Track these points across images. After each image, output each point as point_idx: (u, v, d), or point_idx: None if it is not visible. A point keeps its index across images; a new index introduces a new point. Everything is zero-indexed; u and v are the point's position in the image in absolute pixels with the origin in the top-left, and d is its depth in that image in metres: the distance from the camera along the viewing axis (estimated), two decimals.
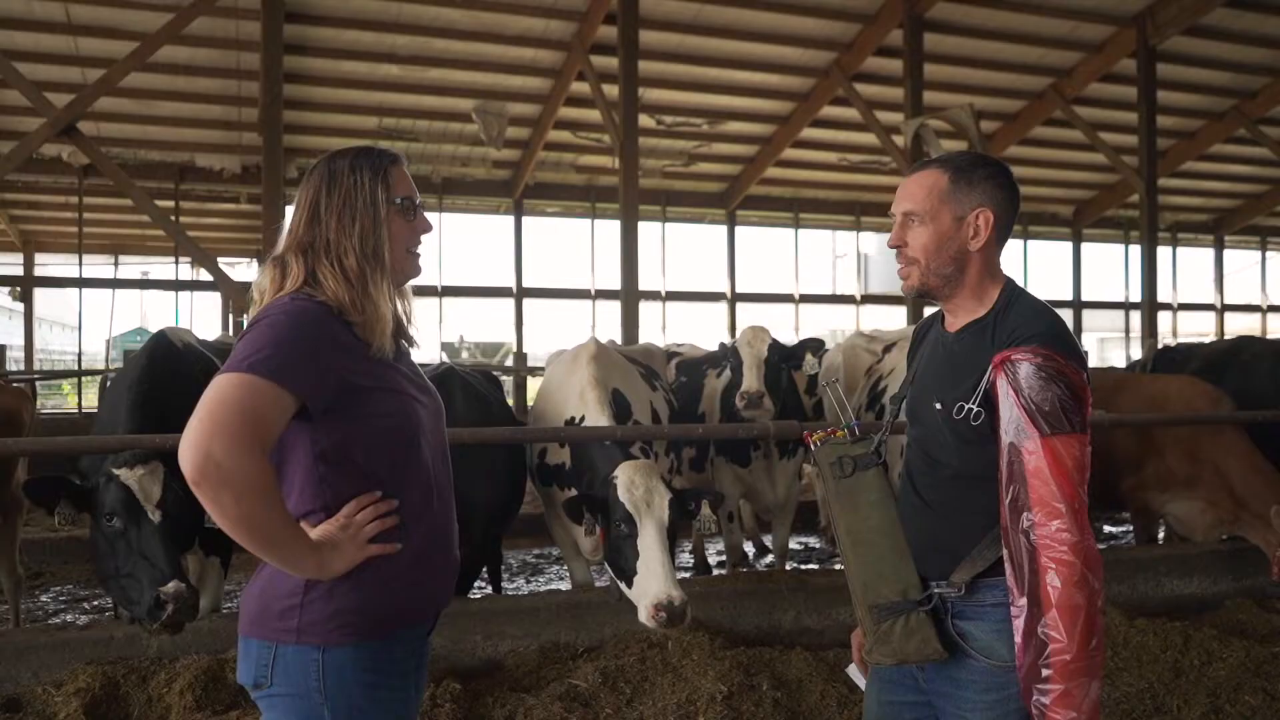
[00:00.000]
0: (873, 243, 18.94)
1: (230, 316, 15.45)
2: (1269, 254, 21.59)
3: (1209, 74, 15.01)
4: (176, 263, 16.27)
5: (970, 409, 1.90)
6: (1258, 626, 4.98)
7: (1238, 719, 4.17)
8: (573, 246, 17.01)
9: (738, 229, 17.72)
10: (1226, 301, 20.95)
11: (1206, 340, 18.66)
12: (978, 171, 2.01)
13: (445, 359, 7.44)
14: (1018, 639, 1.83)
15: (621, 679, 4.00)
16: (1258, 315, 21.42)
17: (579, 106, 13.96)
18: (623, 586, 3.95)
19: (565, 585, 6.71)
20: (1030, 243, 19.36)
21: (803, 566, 7.36)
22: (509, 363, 15.36)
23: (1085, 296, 19.76)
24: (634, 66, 11.24)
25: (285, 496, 1.86)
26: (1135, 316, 19.20)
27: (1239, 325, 20.94)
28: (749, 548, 8.00)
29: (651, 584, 3.69)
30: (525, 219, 16.54)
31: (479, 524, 4.52)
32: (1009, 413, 1.84)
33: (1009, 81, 14.67)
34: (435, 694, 3.74)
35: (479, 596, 5.45)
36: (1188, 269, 20.66)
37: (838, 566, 7.35)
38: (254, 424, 1.70)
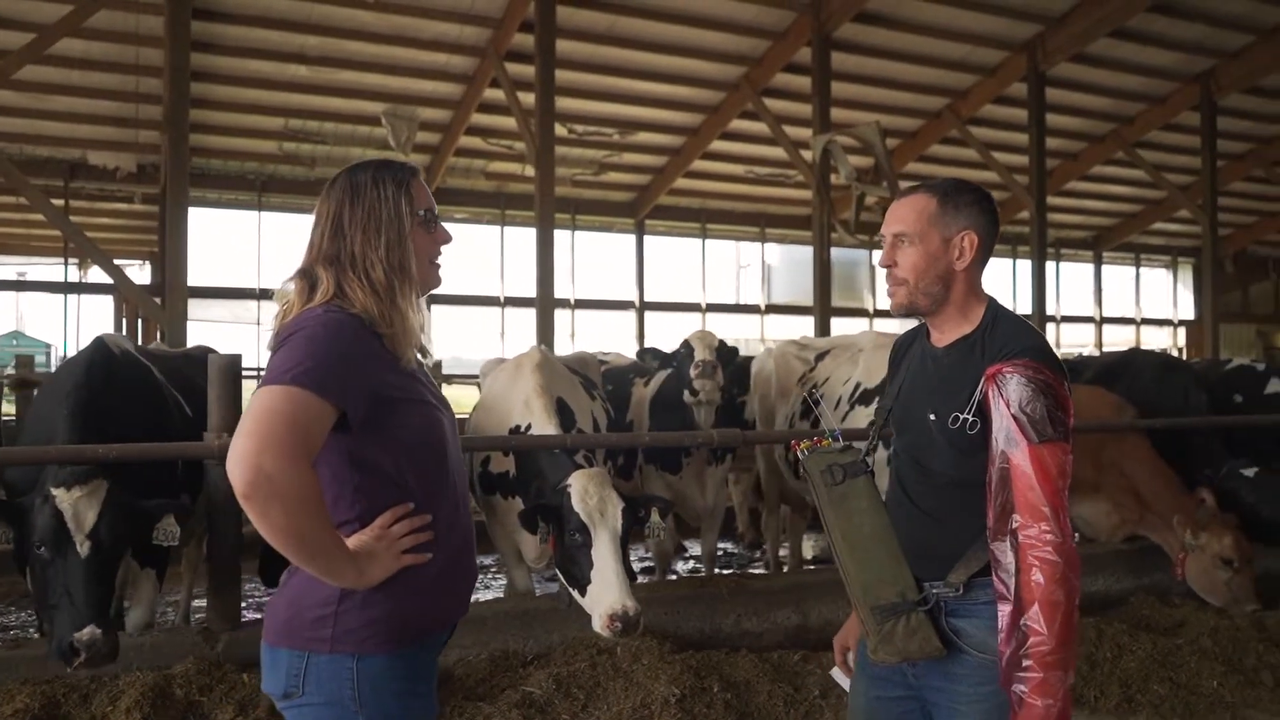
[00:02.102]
0: (776, 254, 19.35)
1: (124, 320, 14.85)
2: (1142, 269, 22.90)
3: (1092, 99, 15.90)
4: (66, 264, 15.55)
5: (965, 419, 2.03)
6: (1161, 621, 5.32)
7: (1148, 707, 4.46)
8: (481, 253, 16.89)
9: (646, 238, 17.91)
10: (1105, 314, 22.12)
11: (1086, 351, 19.70)
12: (963, 196, 2.15)
13: None
14: (1001, 632, 1.97)
15: (575, 685, 4.04)
16: (1133, 327, 22.68)
17: (491, 113, 13.94)
18: (575, 594, 3.99)
19: (497, 593, 6.70)
20: None
21: (722, 571, 7.50)
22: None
23: None
24: (551, 75, 11.31)
25: None
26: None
27: (1115, 337, 22.13)
28: None
29: (606, 594, 3.73)
30: None
31: None
32: (1000, 422, 1.98)
33: (909, 101, 15.25)
34: None
35: None
36: (1069, 283, 21.74)
37: (755, 570, 7.53)
38: (302, 436, 1.71)
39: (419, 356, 2.09)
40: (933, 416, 2.10)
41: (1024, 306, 17.44)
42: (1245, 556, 5.20)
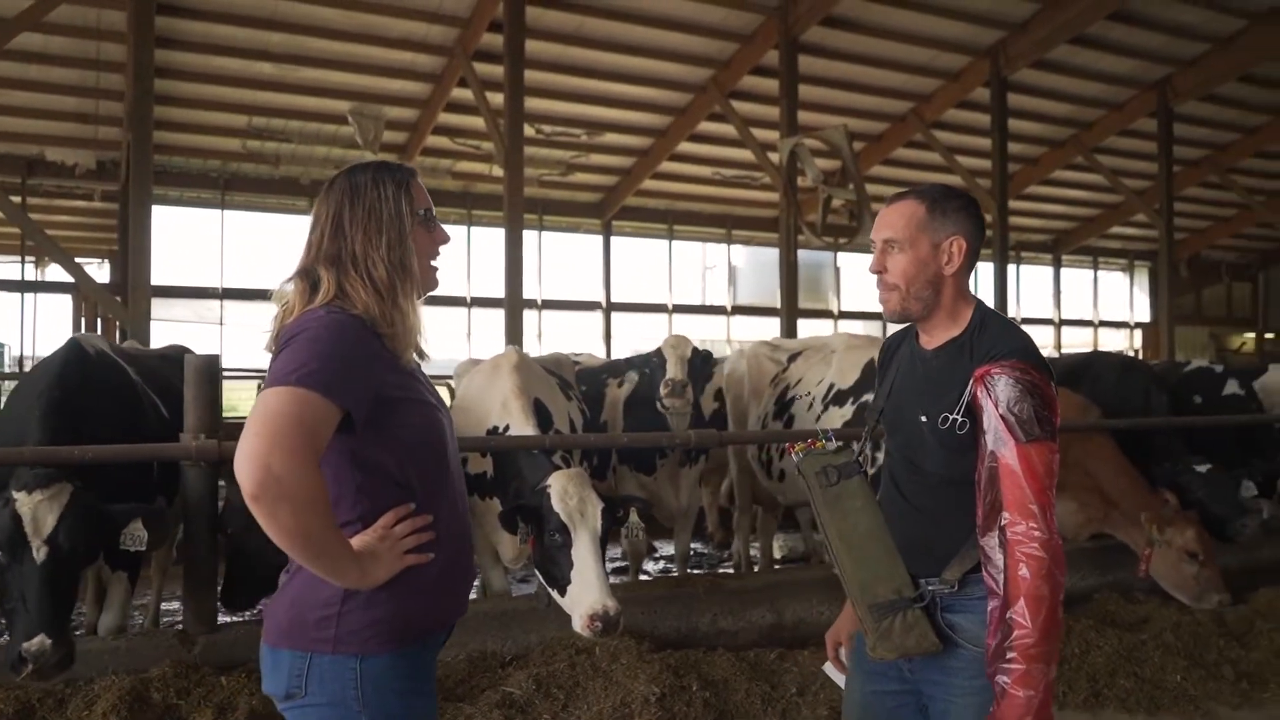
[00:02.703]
0: (742, 255, 19.45)
1: (83, 319, 14.60)
2: (1100, 273, 23.30)
3: (1052, 105, 16.14)
4: (23, 262, 15.25)
5: (955, 419, 2.08)
6: (1125, 617, 5.44)
7: (1115, 701, 4.57)
8: (448, 253, 16.76)
9: (613, 239, 17.93)
10: (1063, 317, 22.48)
11: (1046, 353, 20.01)
12: (951, 203, 2.20)
13: None
14: (989, 625, 2.02)
15: (554, 685, 4.05)
16: (1091, 329, 23.08)
17: (458, 113, 13.88)
18: (554, 594, 4.00)
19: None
20: None
21: (693, 571, 7.54)
22: None
23: None
24: (520, 75, 11.26)
25: None
26: None
27: (1074, 339, 22.51)
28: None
29: (587, 594, 3.73)
30: None
31: None
32: (989, 422, 2.03)
33: (874, 104, 15.39)
34: None
35: None
36: (1028, 286, 22.07)
37: (725, 570, 7.57)
38: (309, 437, 1.71)
39: (415, 358, 2.10)
40: (924, 417, 2.15)
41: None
42: (1209, 550, 5.33)
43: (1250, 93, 16.70)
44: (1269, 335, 24.79)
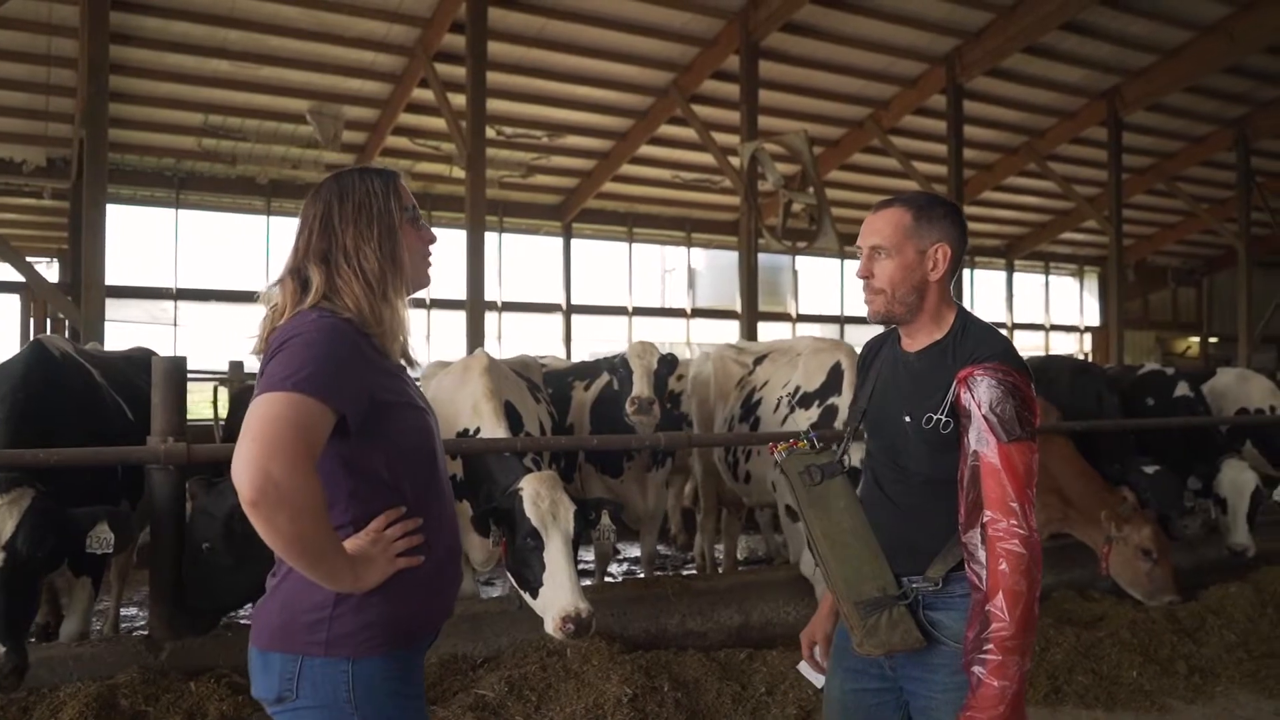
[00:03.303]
0: (701, 258, 19.55)
1: (32, 320, 14.29)
2: (1051, 277, 23.75)
3: (1006, 112, 16.43)
4: None
5: (939, 419, 2.13)
6: (1082, 615, 5.56)
7: (1074, 697, 4.67)
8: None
9: (573, 241, 17.92)
10: (1016, 321, 22.88)
11: None
12: (936, 210, 2.25)
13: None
14: (969, 618, 2.07)
15: (526, 687, 4.06)
16: (1042, 333, 23.52)
17: (418, 113, 13.81)
18: (526, 597, 4.00)
19: None
20: (847, 263, 20.52)
21: (658, 574, 7.57)
22: None
23: None
24: (483, 76, 11.25)
25: None
26: None
27: (1026, 342, 22.91)
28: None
29: (560, 597, 3.74)
30: None
31: None
32: (972, 422, 2.08)
33: (833, 110, 15.57)
34: None
35: None
36: (981, 290, 22.42)
37: (688, 572, 7.60)
38: (307, 443, 1.71)
39: (404, 363, 2.11)
40: (908, 418, 2.20)
41: None
42: (1164, 548, 5.46)
43: (1195, 103, 17.15)
44: (1213, 339, 25.42)
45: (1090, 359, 21.98)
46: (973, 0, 13.27)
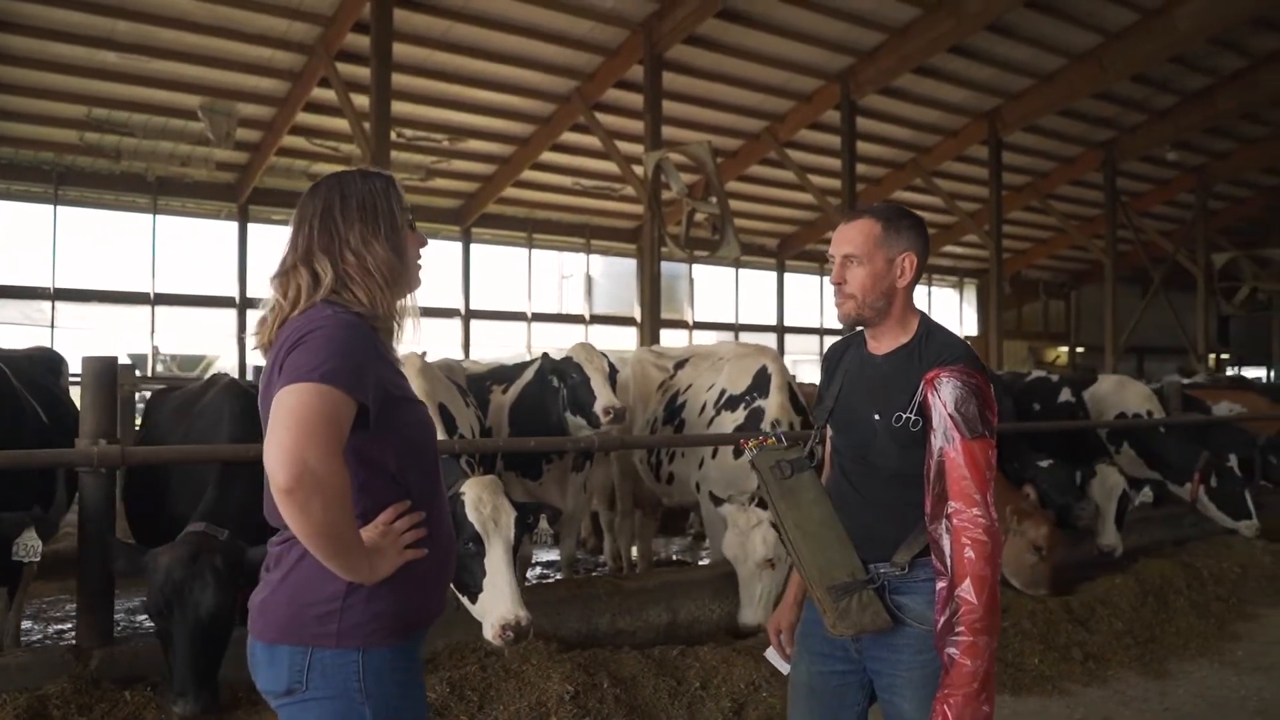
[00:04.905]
0: (599, 265, 19.68)
1: None
2: (933, 289, 24.78)
3: (896, 129, 17.11)
4: None
5: (908, 418, 2.29)
6: None
7: None
8: None
9: (472, 246, 17.81)
10: None
11: None
12: (903, 221, 2.41)
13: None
14: (936, 603, 2.23)
15: (467, 687, 4.07)
16: None
17: (317, 113, 13.54)
18: (464, 601, 4.02)
19: None
20: (742, 272, 20.99)
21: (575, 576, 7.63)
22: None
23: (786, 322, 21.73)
24: (388, 77, 11.12)
25: None
26: (829, 341, 21.33)
27: None
28: None
29: (499, 604, 3.73)
30: (251, 226, 15.66)
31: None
32: (938, 420, 2.24)
33: (732, 122, 15.93)
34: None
35: None
36: None
37: (596, 573, 7.68)
38: (337, 432, 1.75)
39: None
40: (877, 416, 2.35)
41: (830, 321, 18.51)
42: (1053, 548, 5.82)
43: (1068, 125, 18.20)
44: (1080, 349, 26.93)
45: None
46: (866, 21, 13.78)
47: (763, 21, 13.32)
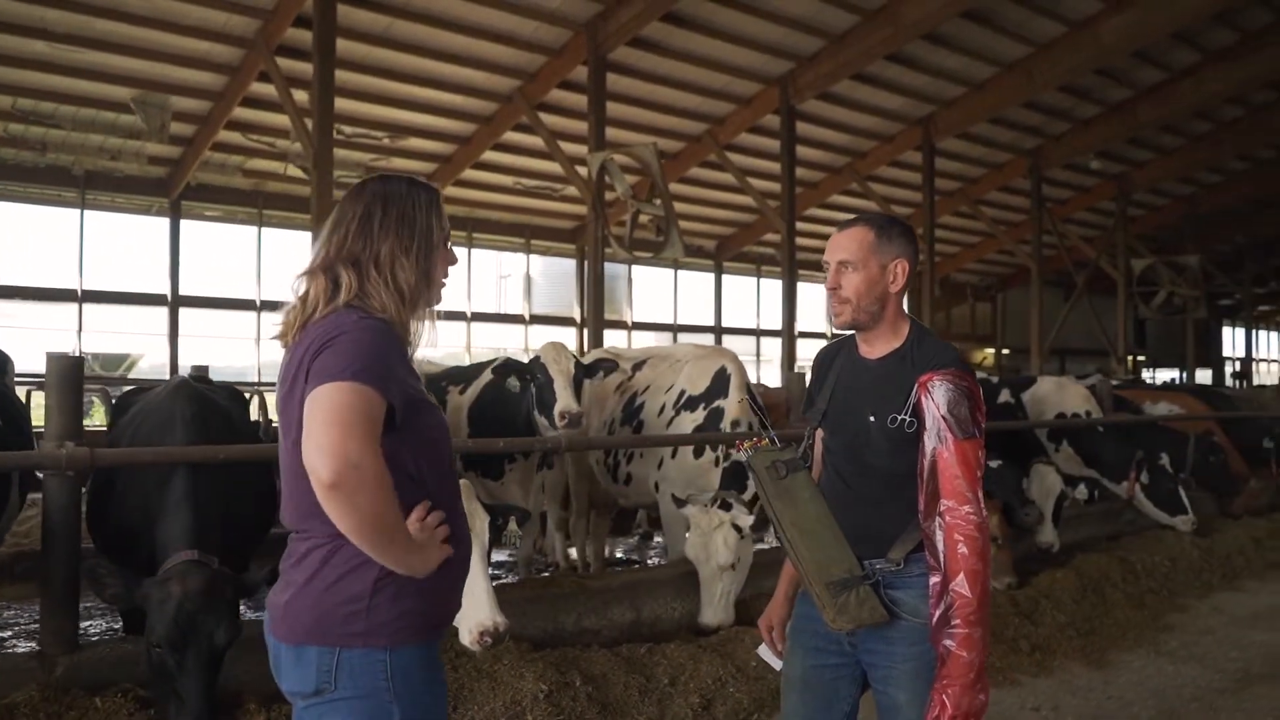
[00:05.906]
0: (538, 265, 19.64)
1: None
2: None
3: (833, 134, 17.40)
4: None
5: (903, 419, 2.38)
6: None
7: None
8: (237, 254, 15.95)
9: None
10: (835, 331, 24.09)
11: None
12: (895, 229, 2.51)
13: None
14: (931, 598, 2.33)
15: None
16: None
17: (254, 108, 13.30)
18: None
19: None
20: (681, 273, 21.15)
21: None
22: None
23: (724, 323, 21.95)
24: (331, 73, 10.99)
25: None
26: (765, 342, 21.62)
27: None
28: None
29: (476, 610, 3.71)
30: (184, 222, 15.29)
31: (252, 542, 4.31)
32: (931, 422, 2.34)
33: (673, 124, 16.04)
34: None
35: None
36: (805, 301, 23.49)
37: (545, 574, 7.69)
38: (374, 429, 1.79)
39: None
40: (872, 418, 2.44)
41: (773, 322, 18.80)
42: (1006, 536, 6.01)
43: (997, 133, 18.72)
44: (1005, 351, 27.68)
45: None
46: (806, 26, 14.00)
47: (705, 25, 13.45)
